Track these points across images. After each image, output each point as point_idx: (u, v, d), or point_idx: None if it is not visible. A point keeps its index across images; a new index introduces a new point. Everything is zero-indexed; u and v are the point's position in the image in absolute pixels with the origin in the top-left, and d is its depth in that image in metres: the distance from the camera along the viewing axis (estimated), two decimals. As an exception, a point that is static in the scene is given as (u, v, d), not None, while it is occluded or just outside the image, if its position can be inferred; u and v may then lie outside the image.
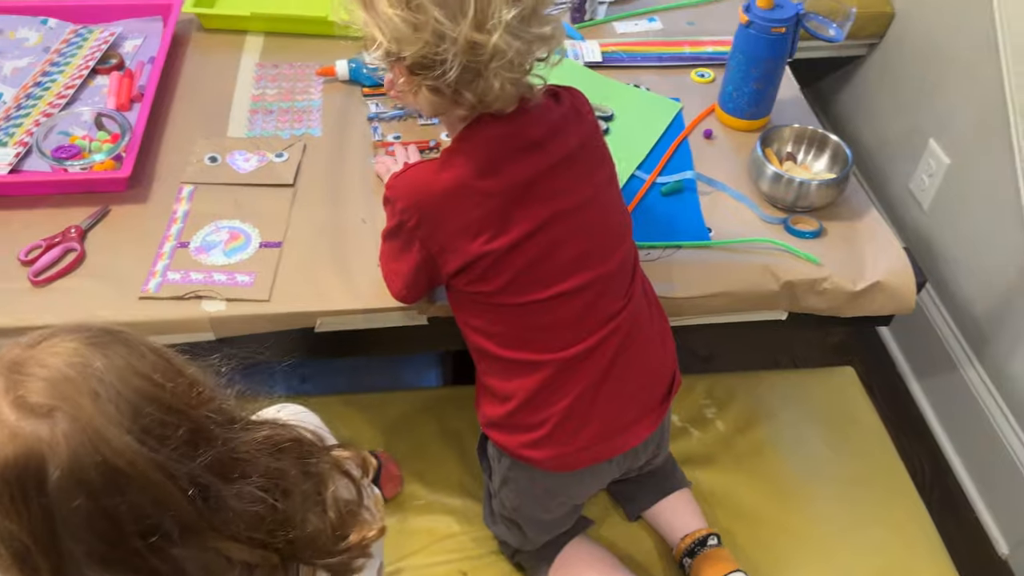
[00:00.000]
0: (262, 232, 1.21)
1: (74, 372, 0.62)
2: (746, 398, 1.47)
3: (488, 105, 0.92)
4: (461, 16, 0.83)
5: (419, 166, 1.01)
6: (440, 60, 0.85)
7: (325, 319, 1.14)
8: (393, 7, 0.84)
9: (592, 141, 1.04)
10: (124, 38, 1.51)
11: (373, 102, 1.44)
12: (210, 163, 1.30)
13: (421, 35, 0.84)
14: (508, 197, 0.96)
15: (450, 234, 0.97)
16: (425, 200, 0.97)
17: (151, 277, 1.14)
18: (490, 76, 0.87)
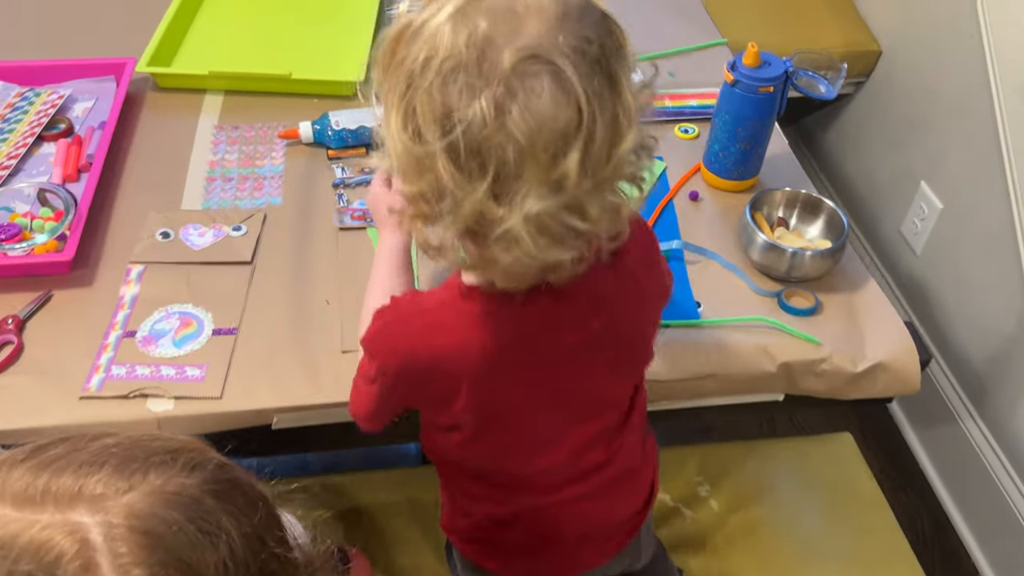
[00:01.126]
0: (215, 317, 1.12)
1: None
2: (740, 472, 1.40)
3: (488, 276, 0.75)
4: (477, 179, 0.64)
5: (407, 319, 0.82)
6: (439, 211, 0.69)
7: (283, 415, 1.05)
8: (401, 130, 0.66)
9: (639, 320, 0.89)
10: (74, 100, 1.43)
11: (339, 166, 1.35)
12: (162, 239, 1.21)
13: (423, 177, 0.67)
14: (501, 375, 0.82)
15: (431, 399, 0.87)
16: (410, 369, 0.82)
17: (94, 373, 1.05)
18: (497, 251, 0.68)
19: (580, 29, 0.64)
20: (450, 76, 0.62)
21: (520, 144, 0.62)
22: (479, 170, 0.64)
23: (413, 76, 0.64)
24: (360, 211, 1.27)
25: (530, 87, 0.62)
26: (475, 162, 0.64)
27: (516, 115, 0.62)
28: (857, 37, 2.13)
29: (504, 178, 0.64)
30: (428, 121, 0.63)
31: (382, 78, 0.68)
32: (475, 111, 0.62)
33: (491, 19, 0.63)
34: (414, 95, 0.64)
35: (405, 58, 0.65)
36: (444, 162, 0.64)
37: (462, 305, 0.79)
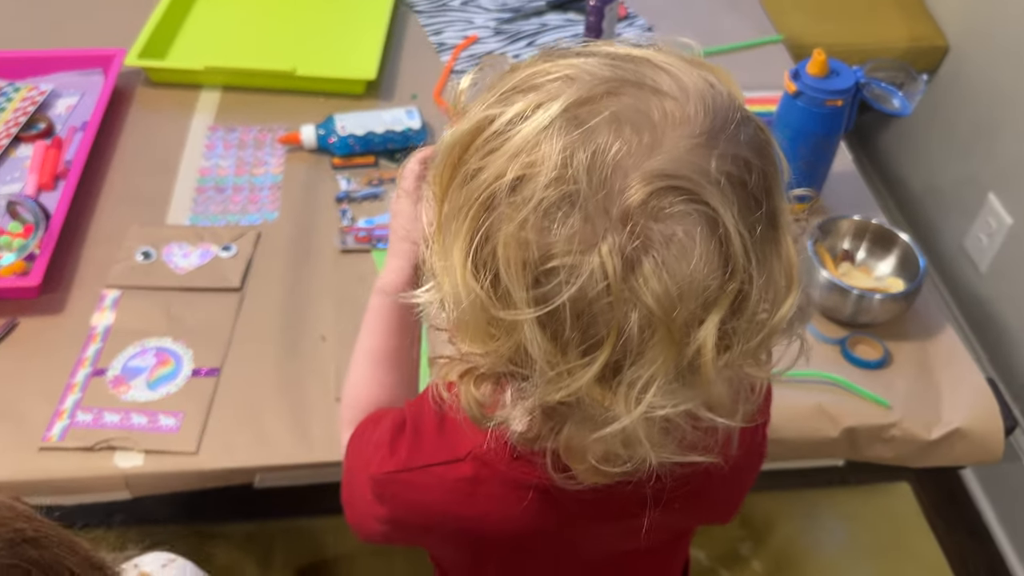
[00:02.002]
0: (196, 355, 0.99)
1: None
2: (786, 527, 1.25)
3: (567, 462, 0.54)
4: (581, 356, 0.45)
5: (434, 475, 0.62)
6: (512, 376, 0.49)
7: (267, 475, 0.92)
8: (470, 274, 0.46)
9: (727, 498, 0.70)
10: (57, 96, 1.29)
11: (344, 176, 1.21)
12: (142, 260, 1.08)
13: (496, 340, 0.47)
14: (544, 550, 0.65)
15: (451, 558, 0.72)
16: (431, 532, 0.66)
17: (56, 419, 0.92)
18: (591, 444, 0.49)
19: (737, 149, 0.45)
20: (555, 211, 0.43)
21: (651, 314, 0.43)
22: (586, 347, 0.45)
23: (496, 201, 0.45)
24: (366, 231, 1.13)
25: (669, 233, 0.43)
26: (581, 334, 0.44)
27: (649, 272, 0.43)
28: (921, 31, 1.94)
29: (620, 357, 0.45)
30: (515, 270, 0.44)
31: (442, 189, 0.49)
32: (592, 265, 0.43)
33: (615, 130, 0.44)
34: (495, 229, 0.45)
35: (482, 171, 0.46)
36: (534, 331, 0.45)
37: (508, 465, 0.58)
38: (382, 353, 0.76)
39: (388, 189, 1.19)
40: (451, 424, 0.62)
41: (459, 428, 0.61)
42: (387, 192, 1.19)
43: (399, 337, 0.76)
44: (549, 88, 0.45)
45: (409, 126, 1.24)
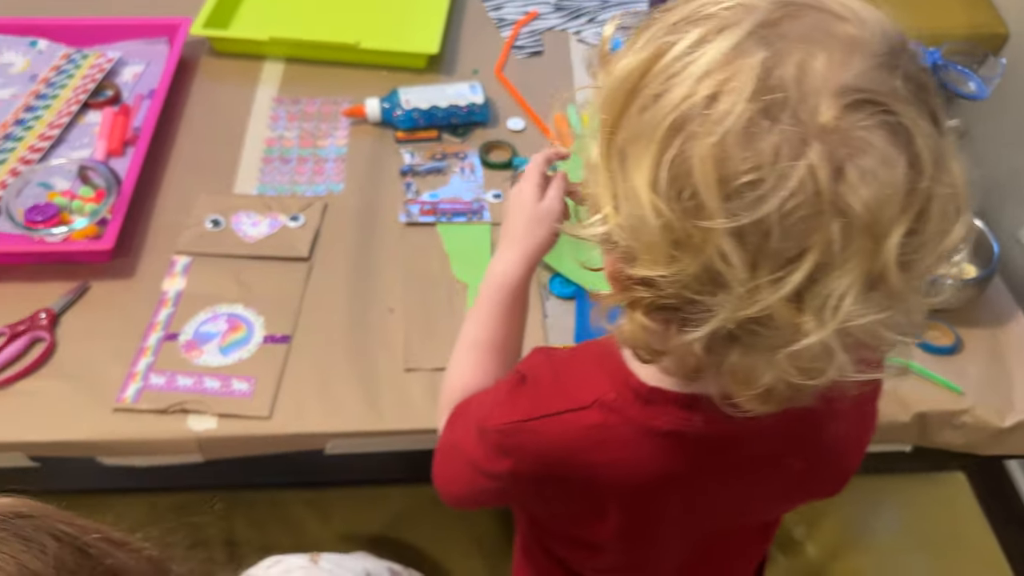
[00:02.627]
0: (267, 322, 1.00)
1: None
2: (841, 513, 1.25)
3: (724, 395, 0.53)
4: (776, 271, 0.45)
5: (561, 422, 0.61)
6: (690, 302, 0.48)
7: (338, 441, 0.93)
8: (651, 191, 0.46)
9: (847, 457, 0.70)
10: (124, 64, 1.30)
11: (408, 150, 1.21)
12: (212, 228, 1.09)
13: (678, 260, 0.47)
14: (668, 499, 0.64)
15: (567, 514, 0.69)
16: (552, 483, 0.64)
17: (130, 381, 0.94)
18: (761, 364, 0.49)
19: (915, 69, 0.46)
20: (756, 124, 0.43)
21: (854, 221, 0.43)
22: (783, 259, 0.44)
23: (686, 121, 0.45)
24: (430, 204, 1.13)
25: (868, 142, 0.43)
26: (780, 247, 0.44)
27: (855, 179, 0.43)
28: (981, 17, 1.90)
29: (816, 269, 0.44)
30: (713, 185, 0.44)
31: (614, 118, 0.49)
32: (800, 173, 0.43)
33: (804, 48, 0.44)
34: (687, 147, 0.45)
35: (665, 95, 0.46)
36: (728, 245, 0.44)
37: (639, 411, 0.58)
38: (491, 343, 0.76)
39: (451, 163, 1.19)
40: (569, 375, 0.64)
41: (579, 378, 0.62)
42: (449, 166, 1.19)
43: (508, 327, 0.76)
44: (725, 16, 0.46)
45: (473, 101, 1.24)
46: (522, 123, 1.27)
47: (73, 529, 0.51)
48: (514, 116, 1.27)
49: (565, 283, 1.05)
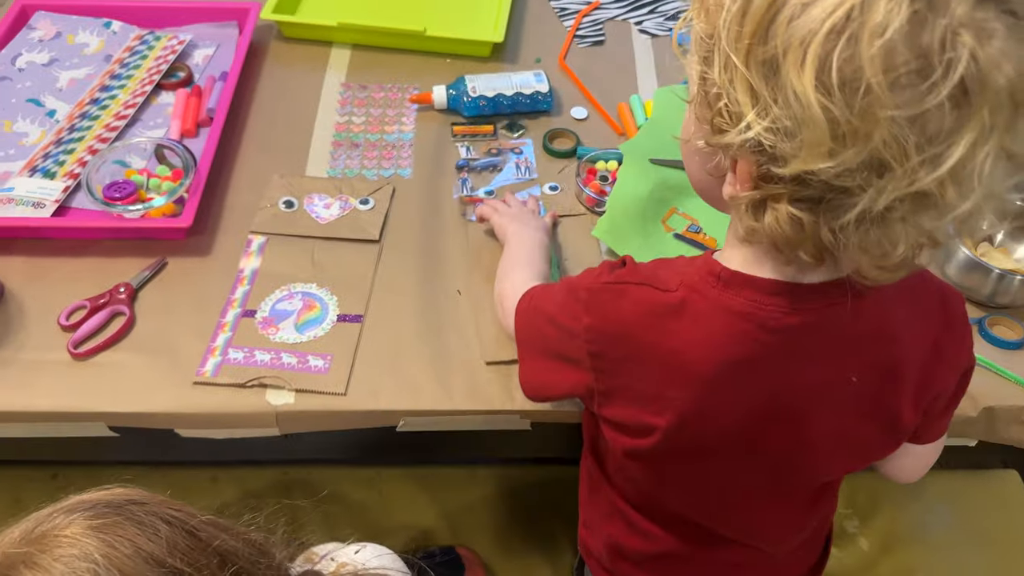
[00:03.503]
0: (340, 302, 1.02)
1: (68, 570, 0.50)
2: (893, 507, 1.25)
3: (851, 270, 0.60)
4: (926, 152, 0.50)
5: (651, 296, 0.67)
6: (842, 189, 0.53)
7: (410, 419, 0.95)
8: (820, 89, 0.50)
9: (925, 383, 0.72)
10: (194, 46, 1.33)
11: (463, 144, 1.22)
12: (285, 209, 1.11)
13: (842, 151, 0.51)
14: (731, 394, 0.67)
15: (634, 393, 0.71)
16: (633, 354, 0.68)
17: (209, 355, 0.96)
18: (899, 235, 0.55)
19: None
20: (916, 19, 0.48)
21: (1004, 95, 0.49)
22: (945, 139, 0.50)
23: (847, 23, 0.49)
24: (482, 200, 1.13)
25: (993, 27, 0.48)
26: (944, 127, 0.49)
27: (999, 58, 0.48)
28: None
29: (972, 147, 0.50)
30: (880, 79, 0.48)
31: (756, 31, 0.52)
32: (965, 59, 0.48)
33: None
34: (851, 47, 0.49)
35: (814, 3, 0.50)
36: (899, 131, 0.49)
37: (718, 292, 0.65)
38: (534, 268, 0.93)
39: (506, 158, 1.20)
40: (665, 269, 0.70)
41: (673, 271, 0.68)
42: (504, 161, 1.19)
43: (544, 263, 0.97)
44: None
45: (538, 89, 1.25)
46: (585, 112, 1.28)
47: (182, 514, 0.54)
48: (577, 105, 1.28)
49: (631, 271, 1.06)
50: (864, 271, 0.59)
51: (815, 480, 0.78)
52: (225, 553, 0.54)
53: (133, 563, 0.50)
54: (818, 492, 0.82)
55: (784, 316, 0.63)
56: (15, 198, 1.08)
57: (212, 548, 0.54)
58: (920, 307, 0.70)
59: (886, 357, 0.68)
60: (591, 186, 1.13)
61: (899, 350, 0.68)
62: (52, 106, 1.22)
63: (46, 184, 1.10)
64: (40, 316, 0.99)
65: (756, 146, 0.54)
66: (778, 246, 0.59)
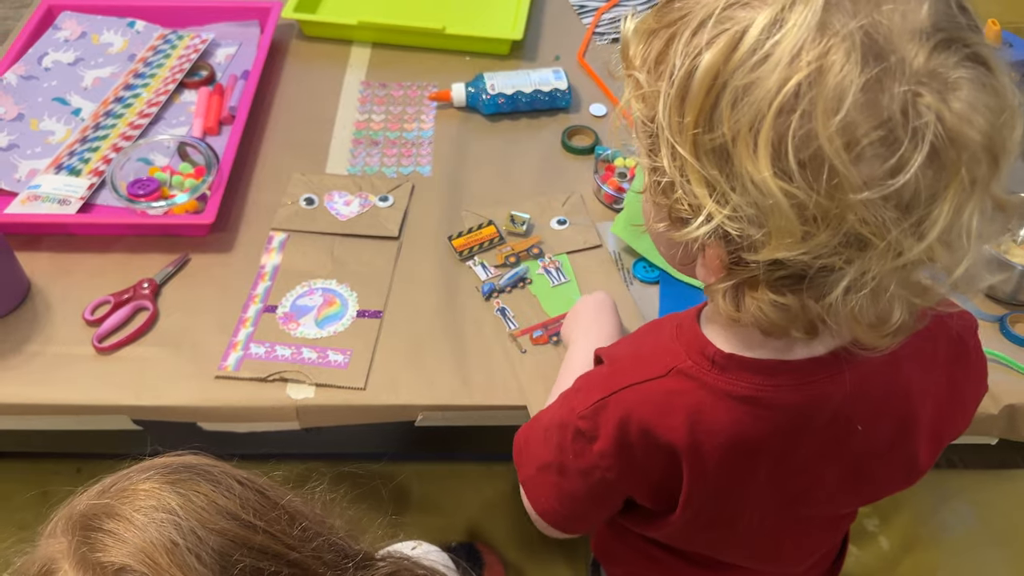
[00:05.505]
0: (360, 297, 1.03)
1: (147, 519, 0.51)
2: (915, 506, 1.24)
3: (848, 340, 0.57)
4: (916, 210, 0.47)
5: (644, 392, 0.64)
6: (824, 267, 0.49)
7: (429, 413, 0.95)
8: (776, 175, 0.46)
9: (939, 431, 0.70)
10: (217, 45, 1.34)
11: (473, 262, 1.06)
12: (306, 206, 1.12)
13: (816, 233, 0.47)
14: (739, 471, 0.65)
15: (646, 490, 0.70)
16: (635, 453, 0.65)
17: (231, 350, 0.97)
18: (893, 302, 0.51)
19: (963, 15, 0.48)
20: (872, 86, 0.44)
21: (979, 151, 0.46)
22: (925, 207, 0.46)
23: (797, 101, 0.45)
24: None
25: (958, 77, 0.45)
26: (924, 195, 0.46)
27: (967, 112, 0.45)
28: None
29: (956, 210, 0.47)
30: (843, 157, 0.45)
31: (698, 117, 0.49)
32: (931, 123, 0.44)
33: (875, 7, 0.46)
34: (803, 127, 0.45)
35: (758, 84, 0.46)
36: (874, 209, 0.46)
37: (715, 377, 0.60)
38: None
39: (530, 266, 1.05)
40: (646, 349, 0.67)
41: (656, 351, 0.65)
42: (528, 271, 1.05)
43: None
44: None
45: (556, 87, 1.26)
46: (604, 109, 1.28)
47: (253, 477, 0.55)
48: (596, 102, 1.29)
49: (649, 268, 1.06)
50: (863, 341, 0.55)
51: (834, 513, 0.78)
52: (293, 512, 0.56)
53: (209, 514, 0.51)
54: (838, 517, 0.81)
55: (790, 394, 0.60)
56: (41, 195, 1.09)
57: (281, 506, 0.56)
58: (933, 353, 0.66)
59: (900, 411, 0.65)
60: (609, 183, 1.13)
61: (912, 403, 0.65)
62: (77, 104, 1.24)
63: (71, 181, 1.12)
64: (65, 311, 1.01)
65: (723, 235, 0.51)
66: (765, 332, 0.55)
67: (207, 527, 0.51)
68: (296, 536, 0.55)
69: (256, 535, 0.53)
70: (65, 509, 0.54)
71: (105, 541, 0.50)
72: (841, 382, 0.59)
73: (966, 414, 0.73)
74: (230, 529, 0.52)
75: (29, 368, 0.95)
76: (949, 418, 0.71)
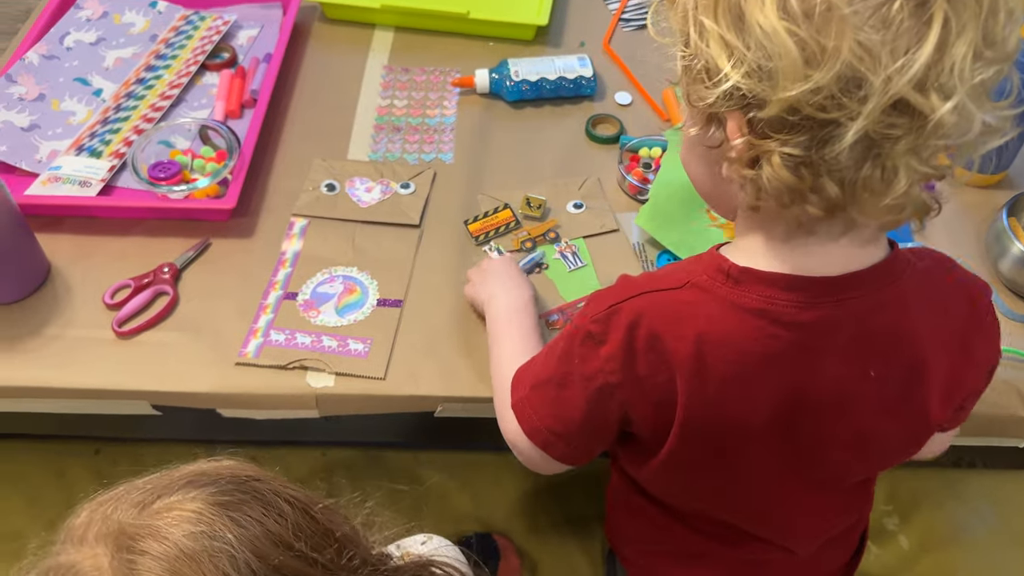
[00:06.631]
0: (381, 286, 1.02)
1: (198, 547, 0.48)
2: (934, 506, 1.23)
3: (860, 214, 0.57)
4: (897, 53, 0.50)
5: (659, 301, 0.66)
6: (827, 121, 0.53)
7: (448, 405, 0.95)
8: (784, 18, 0.51)
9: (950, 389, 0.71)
10: (239, 27, 1.33)
11: (489, 247, 1.06)
12: (327, 192, 1.11)
13: (817, 72, 0.51)
14: (741, 392, 0.65)
15: (648, 411, 0.70)
16: (657, 349, 0.65)
17: (251, 337, 0.97)
18: (898, 164, 0.54)
19: None
20: None
21: None
22: (911, 39, 0.51)
23: None
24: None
25: None
26: (908, 25, 0.50)
27: None
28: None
29: (941, 44, 0.50)
30: None
31: None
32: None
33: None
34: None
35: None
36: (863, 36, 0.50)
37: (728, 290, 0.63)
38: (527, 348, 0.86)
39: (546, 251, 1.08)
40: (662, 271, 0.70)
41: (672, 270, 0.68)
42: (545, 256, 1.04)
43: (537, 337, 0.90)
44: None
45: (581, 74, 1.24)
46: (629, 97, 1.26)
47: (301, 495, 0.53)
48: (622, 90, 1.27)
49: (672, 260, 1.05)
50: (871, 213, 0.57)
51: (845, 479, 0.76)
52: (342, 538, 0.54)
53: (263, 545, 0.49)
54: (851, 492, 0.80)
55: (799, 311, 0.61)
56: (62, 176, 1.09)
57: (330, 532, 0.54)
58: (945, 305, 0.67)
59: (908, 355, 0.66)
60: (633, 174, 1.12)
61: (922, 349, 0.66)
62: (99, 85, 1.23)
63: (92, 163, 1.11)
64: (85, 294, 1.00)
65: (739, 98, 0.55)
66: (783, 202, 0.57)
67: (261, 559, 0.48)
68: (346, 566, 0.53)
69: (311, 568, 0.50)
70: (96, 509, 0.51)
71: (154, 569, 0.47)
72: (855, 308, 0.61)
73: (979, 374, 0.74)
74: (285, 562, 0.49)
75: (48, 351, 0.95)
76: (961, 374, 0.71)
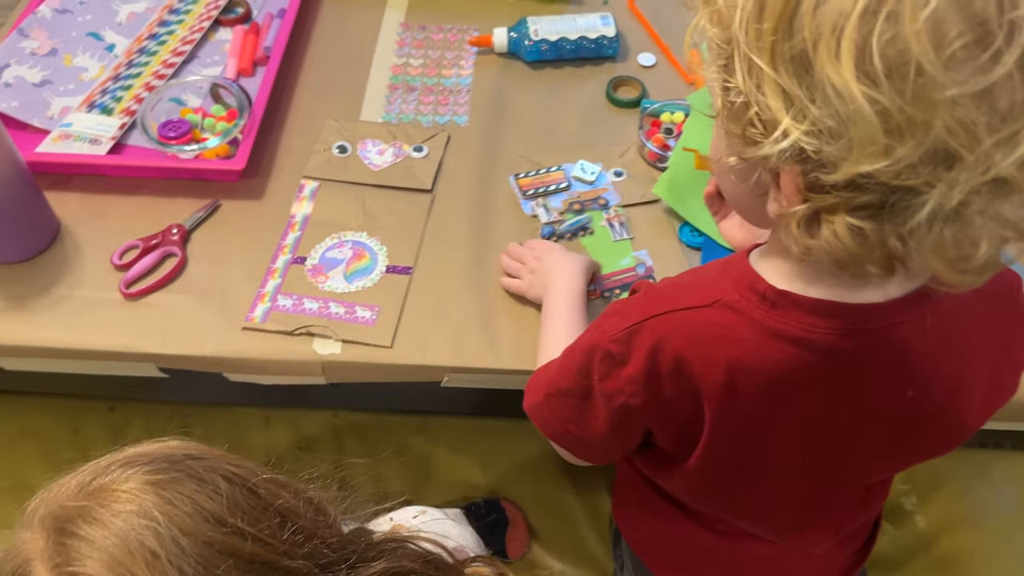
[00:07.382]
0: (390, 252, 1.00)
1: (127, 526, 0.48)
2: (954, 486, 1.20)
3: (933, 278, 0.53)
4: (1011, 119, 0.43)
5: (686, 320, 0.61)
6: (907, 189, 0.46)
7: (455, 375, 0.93)
8: (859, 78, 0.44)
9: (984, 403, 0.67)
10: (253, -19, 1.30)
11: (536, 202, 1.04)
12: (338, 154, 1.09)
13: (898, 146, 0.44)
14: (769, 415, 0.62)
15: (671, 431, 0.68)
16: (664, 381, 0.62)
17: (258, 301, 0.96)
18: (979, 232, 0.47)
19: None
20: None
21: None
22: (1019, 113, 0.43)
23: (879, 3, 0.43)
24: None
25: None
26: (1016, 98, 0.43)
27: None
28: None
29: None
30: (931, 56, 0.42)
31: (777, 24, 0.46)
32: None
33: None
34: (889, 28, 0.43)
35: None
36: (962, 114, 0.42)
37: (764, 314, 0.58)
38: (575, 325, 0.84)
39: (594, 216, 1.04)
40: (689, 281, 0.64)
41: (701, 283, 0.62)
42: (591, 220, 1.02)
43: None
44: None
45: (603, 33, 1.20)
46: (653, 58, 1.22)
47: (242, 471, 0.52)
48: (645, 51, 1.23)
49: (695, 232, 1.02)
50: (943, 277, 0.51)
51: (865, 481, 0.74)
52: (286, 512, 0.53)
53: (193, 521, 0.49)
54: (868, 491, 0.78)
55: (839, 339, 0.57)
56: (73, 134, 1.08)
57: (273, 508, 0.53)
58: (992, 310, 0.63)
59: (949, 370, 0.62)
60: (654, 140, 1.08)
61: (963, 361, 0.62)
62: (111, 40, 1.21)
63: (103, 120, 1.10)
64: (94, 254, 1.00)
65: (798, 154, 0.48)
66: (840, 263, 0.52)
67: (190, 535, 0.48)
68: (288, 540, 0.52)
69: (244, 543, 0.49)
70: (46, 493, 0.51)
71: (81, 550, 0.47)
72: (900, 335, 0.56)
73: (1015, 378, 0.70)
74: (216, 538, 0.49)
75: (57, 311, 0.95)
76: (1001, 381, 0.68)
